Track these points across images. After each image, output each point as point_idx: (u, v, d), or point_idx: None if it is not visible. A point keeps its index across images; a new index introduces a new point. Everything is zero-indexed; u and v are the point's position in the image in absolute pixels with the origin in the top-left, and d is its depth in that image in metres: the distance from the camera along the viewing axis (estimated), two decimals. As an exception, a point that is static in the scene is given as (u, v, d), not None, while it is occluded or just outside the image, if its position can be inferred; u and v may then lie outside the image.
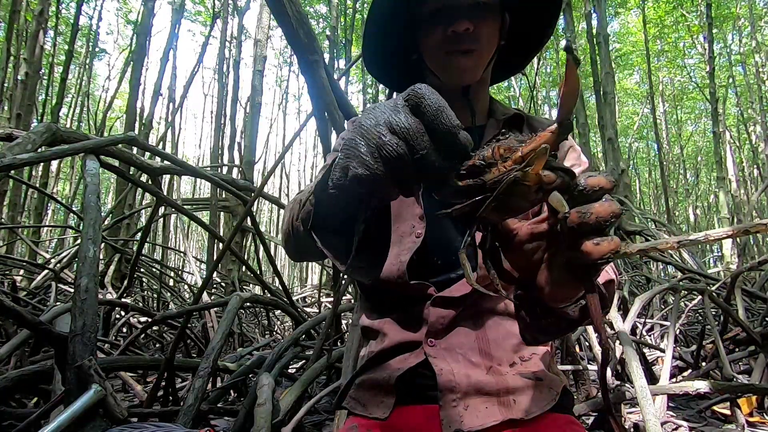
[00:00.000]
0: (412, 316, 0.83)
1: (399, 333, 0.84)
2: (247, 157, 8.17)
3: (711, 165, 20.40)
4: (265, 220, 25.06)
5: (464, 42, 0.84)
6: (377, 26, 0.91)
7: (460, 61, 0.85)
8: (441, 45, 0.85)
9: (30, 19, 7.25)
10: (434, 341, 0.80)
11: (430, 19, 0.86)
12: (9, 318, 2.02)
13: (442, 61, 0.87)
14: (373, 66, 1.01)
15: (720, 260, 9.86)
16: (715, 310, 3.25)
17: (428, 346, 0.80)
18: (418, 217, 0.87)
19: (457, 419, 0.74)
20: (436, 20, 0.85)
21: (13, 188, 6.61)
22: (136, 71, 7.61)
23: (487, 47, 0.86)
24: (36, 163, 1.71)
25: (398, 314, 0.86)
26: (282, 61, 23.82)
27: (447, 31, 0.83)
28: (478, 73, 0.88)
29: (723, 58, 18.51)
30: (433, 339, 0.81)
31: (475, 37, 0.84)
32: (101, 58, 18.92)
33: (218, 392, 1.98)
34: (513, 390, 0.78)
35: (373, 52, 0.98)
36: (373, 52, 0.98)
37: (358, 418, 0.81)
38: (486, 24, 0.85)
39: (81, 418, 1.12)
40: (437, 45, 0.85)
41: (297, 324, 2.90)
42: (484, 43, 0.85)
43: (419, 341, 0.81)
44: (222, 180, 3.23)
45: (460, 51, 0.84)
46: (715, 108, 10.80)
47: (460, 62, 0.85)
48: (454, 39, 0.84)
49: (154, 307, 5.31)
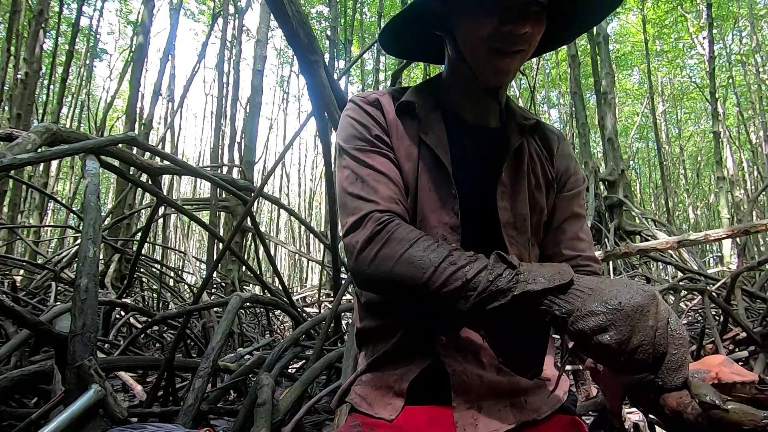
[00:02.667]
0: (421, 315, 0.81)
1: (408, 333, 0.82)
2: (247, 157, 8.18)
3: (711, 165, 20.41)
4: (265, 220, 25.05)
5: (518, 44, 0.75)
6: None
7: (507, 62, 0.77)
8: (490, 40, 0.75)
9: (30, 18, 7.24)
10: (445, 339, 0.79)
11: (484, 8, 0.75)
12: (9, 318, 2.02)
13: (485, 57, 0.77)
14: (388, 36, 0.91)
15: (720, 260, 9.85)
16: (715, 310, 3.25)
17: (439, 344, 0.78)
18: (450, 227, 0.81)
19: (471, 422, 0.73)
20: (491, 11, 0.74)
21: (13, 188, 6.61)
22: (136, 71, 7.61)
23: (532, 50, 0.80)
24: (36, 163, 1.71)
25: (407, 315, 0.83)
26: (283, 60, 23.83)
27: (504, 28, 0.74)
28: (515, 76, 0.83)
29: (723, 58, 18.52)
30: (443, 337, 0.79)
31: (528, 40, 0.76)
32: (102, 59, 18.93)
33: (218, 392, 1.98)
34: (524, 390, 0.77)
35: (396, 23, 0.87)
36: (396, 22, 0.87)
37: (362, 416, 0.79)
38: (540, 26, 0.77)
39: (81, 418, 1.12)
40: (485, 38, 0.75)
41: (297, 324, 2.90)
42: (532, 47, 0.79)
43: (430, 340, 0.79)
44: (222, 180, 3.24)
45: (511, 52, 0.76)
46: (715, 108, 10.80)
47: (506, 64, 0.77)
48: (508, 38, 0.74)
49: (154, 307, 5.31)
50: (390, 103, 0.86)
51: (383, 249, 0.70)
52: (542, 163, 0.89)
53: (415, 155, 0.82)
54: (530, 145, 0.89)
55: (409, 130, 0.84)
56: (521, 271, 0.63)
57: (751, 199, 12.67)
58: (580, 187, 0.92)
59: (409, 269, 0.67)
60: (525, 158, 0.86)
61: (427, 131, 0.84)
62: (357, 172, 0.79)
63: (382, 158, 0.80)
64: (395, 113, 0.85)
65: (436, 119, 0.86)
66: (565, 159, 0.92)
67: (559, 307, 0.60)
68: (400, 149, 0.83)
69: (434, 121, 0.86)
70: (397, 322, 0.83)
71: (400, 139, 0.83)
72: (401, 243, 0.69)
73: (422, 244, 0.68)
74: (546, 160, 0.90)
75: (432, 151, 0.82)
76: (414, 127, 0.85)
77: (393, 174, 0.79)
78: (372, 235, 0.72)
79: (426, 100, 0.88)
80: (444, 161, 0.81)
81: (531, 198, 0.85)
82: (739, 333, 2.67)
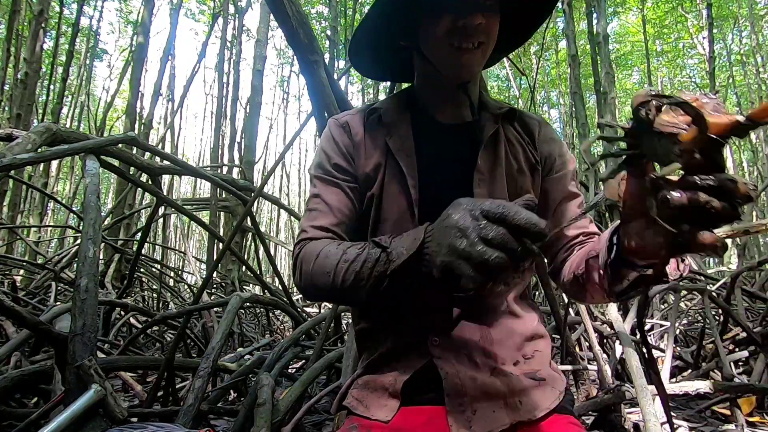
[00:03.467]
0: (415, 317, 0.82)
1: (401, 334, 0.82)
2: (247, 157, 8.18)
3: (711, 165, 20.31)
4: (265, 220, 25.06)
5: (474, 36, 0.78)
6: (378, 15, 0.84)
7: (468, 55, 0.79)
8: (447, 37, 0.78)
9: (30, 18, 7.24)
10: (438, 340, 0.79)
11: (439, 9, 0.79)
12: (9, 318, 2.02)
13: (446, 54, 0.80)
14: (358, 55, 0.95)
15: (720, 260, 9.85)
16: (715, 310, 3.25)
17: (432, 345, 0.79)
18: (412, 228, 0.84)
19: (466, 424, 0.73)
20: (443, 9, 0.78)
21: (13, 188, 6.61)
22: (136, 71, 7.61)
23: (491, 42, 0.82)
24: (36, 163, 1.71)
25: (400, 315, 0.84)
26: (283, 60, 23.83)
27: (458, 23, 0.77)
28: (480, 69, 0.85)
29: (723, 58, 18.51)
30: (437, 338, 0.79)
31: (484, 31, 0.79)
32: (102, 59, 18.93)
33: (218, 392, 1.98)
34: (519, 391, 0.77)
35: (359, 39, 0.90)
36: (359, 39, 0.90)
37: (359, 419, 0.80)
38: (495, 17, 0.80)
39: (81, 418, 1.12)
40: (443, 36, 0.79)
41: (297, 324, 2.90)
42: (491, 38, 0.81)
43: (423, 341, 0.80)
44: (222, 180, 3.24)
45: (469, 46, 0.79)
46: (715, 108, 10.76)
47: (467, 57, 0.80)
48: (463, 32, 0.78)
49: (154, 307, 5.31)
50: (360, 121, 0.91)
51: (303, 268, 0.79)
52: (524, 148, 0.90)
53: (383, 164, 0.86)
54: (508, 132, 0.90)
55: (378, 140, 0.88)
56: (390, 250, 0.67)
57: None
58: (568, 168, 0.92)
59: (321, 278, 0.75)
60: (502, 144, 0.87)
61: (392, 134, 0.87)
62: (309, 201, 0.88)
63: (334, 188, 0.86)
64: (365, 128, 0.89)
65: (403, 121, 0.89)
66: (549, 143, 0.92)
67: (425, 267, 0.63)
68: (369, 164, 0.86)
69: (400, 123, 0.89)
70: (389, 324, 0.84)
71: (368, 154, 0.87)
72: (311, 257, 0.77)
73: (324, 252, 0.76)
74: (528, 144, 0.91)
75: (393, 155, 0.85)
76: (382, 135, 0.88)
77: (337, 205, 0.85)
78: (295, 259, 0.82)
79: (397, 105, 0.91)
80: (402, 165, 0.84)
81: (511, 182, 0.86)
82: (739, 333, 2.67)
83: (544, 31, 8.80)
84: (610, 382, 1.95)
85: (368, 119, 0.90)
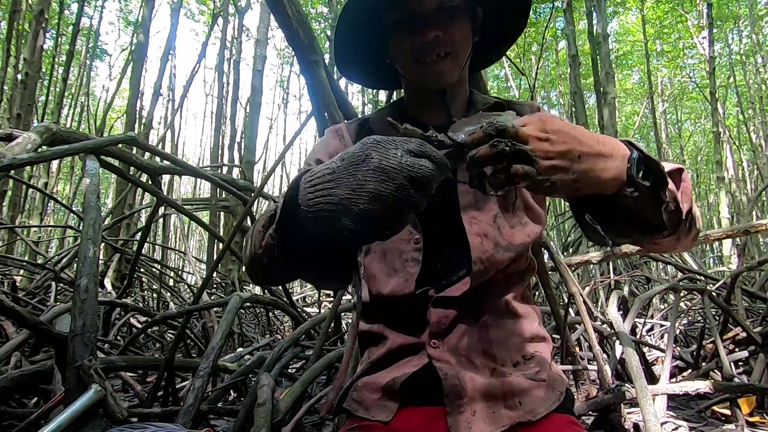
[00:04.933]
0: (413, 319, 0.82)
1: (400, 336, 0.83)
2: (247, 157, 8.18)
3: (711, 165, 20.40)
4: (265, 220, 24.99)
5: (435, 49, 0.81)
6: (350, 29, 0.88)
7: (434, 67, 0.82)
8: (411, 54, 0.83)
9: (30, 18, 7.24)
10: (437, 342, 0.79)
11: (397, 29, 0.83)
12: (9, 318, 2.02)
13: (414, 70, 0.84)
14: (347, 68, 0.99)
15: (720, 260, 9.85)
16: (715, 310, 3.25)
17: (431, 347, 0.79)
18: (412, 226, 0.85)
19: (465, 425, 0.73)
20: (402, 30, 0.82)
21: (13, 188, 6.60)
22: (136, 71, 7.60)
23: (461, 48, 0.84)
24: (36, 163, 1.71)
25: (398, 317, 0.85)
26: (283, 60, 23.82)
27: (415, 42, 0.81)
28: (455, 75, 0.85)
29: (723, 58, 18.50)
30: (436, 340, 0.80)
31: (446, 42, 0.81)
32: (102, 59, 18.92)
33: (218, 392, 1.98)
34: (518, 392, 0.77)
35: (344, 57, 0.95)
36: (344, 57, 0.94)
37: (359, 420, 0.80)
38: (455, 26, 0.81)
39: (81, 418, 1.12)
40: (407, 54, 0.83)
41: (297, 324, 2.90)
42: (457, 45, 0.82)
43: (422, 343, 0.80)
44: (222, 180, 3.23)
45: (433, 57, 0.81)
46: (715, 108, 10.80)
47: (434, 68, 0.82)
48: (423, 48, 0.81)
49: (154, 307, 5.31)
50: (354, 130, 0.94)
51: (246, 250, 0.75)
52: None
53: None
54: None
55: None
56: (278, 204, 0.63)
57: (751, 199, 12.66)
58: None
59: (246, 251, 0.72)
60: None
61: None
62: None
63: None
64: (357, 136, 0.92)
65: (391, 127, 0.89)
66: None
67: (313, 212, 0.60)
68: None
69: (389, 129, 0.88)
70: (386, 325, 0.85)
71: None
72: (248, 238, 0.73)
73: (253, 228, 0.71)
74: None
75: None
76: None
77: None
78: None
79: (387, 114, 0.93)
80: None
81: None
82: (739, 333, 2.67)
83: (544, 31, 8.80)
84: (610, 382, 1.94)
85: (361, 129, 0.94)
